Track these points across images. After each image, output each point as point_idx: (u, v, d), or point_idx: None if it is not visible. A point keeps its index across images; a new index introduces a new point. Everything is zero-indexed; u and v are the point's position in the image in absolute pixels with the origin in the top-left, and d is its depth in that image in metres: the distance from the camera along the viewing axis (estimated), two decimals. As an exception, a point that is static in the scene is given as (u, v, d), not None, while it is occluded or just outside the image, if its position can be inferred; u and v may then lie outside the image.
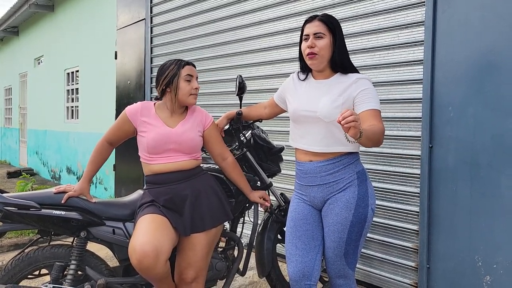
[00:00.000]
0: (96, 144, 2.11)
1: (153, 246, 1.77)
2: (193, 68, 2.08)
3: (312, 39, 1.87)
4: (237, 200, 2.29)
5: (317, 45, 1.87)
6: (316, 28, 1.88)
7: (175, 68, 2.02)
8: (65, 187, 2.03)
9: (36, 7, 8.32)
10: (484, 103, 2.27)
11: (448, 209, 2.43)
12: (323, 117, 1.65)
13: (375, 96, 1.83)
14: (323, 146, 1.88)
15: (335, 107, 1.70)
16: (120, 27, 5.58)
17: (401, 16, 2.62)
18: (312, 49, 1.87)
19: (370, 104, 1.79)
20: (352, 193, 1.87)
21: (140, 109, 2.05)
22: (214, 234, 2.03)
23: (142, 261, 1.76)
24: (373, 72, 2.76)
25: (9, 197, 1.90)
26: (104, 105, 6.36)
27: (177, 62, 2.04)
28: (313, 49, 1.87)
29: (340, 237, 1.87)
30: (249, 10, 3.68)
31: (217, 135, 2.20)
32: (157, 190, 2.00)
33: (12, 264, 1.96)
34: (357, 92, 1.83)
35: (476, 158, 2.30)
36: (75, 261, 1.99)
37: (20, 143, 11.06)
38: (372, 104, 1.80)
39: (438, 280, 2.48)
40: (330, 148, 1.88)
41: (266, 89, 3.55)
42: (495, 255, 2.25)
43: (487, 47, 2.26)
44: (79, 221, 1.98)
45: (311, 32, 1.88)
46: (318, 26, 1.88)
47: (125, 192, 5.48)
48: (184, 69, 2.02)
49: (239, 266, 2.37)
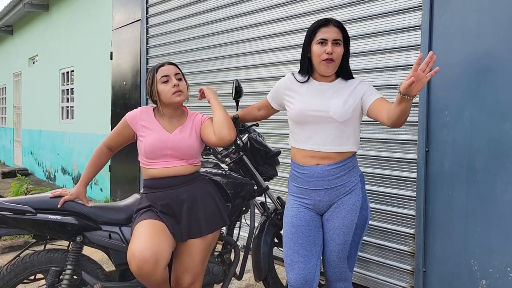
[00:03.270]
0: (96, 148, 2.10)
1: (153, 252, 1.76)
2: (170, 66, 2.03)
3: (331, 45, 1.88)
4: (233, 204, 2.28)
5: (335, 51, 1.89)
6: (335, 34, 1.90)
7: (150, 76, 2.03)
8: (61, 191, 2.02)
9: (30, 6, 8.26)
10: (480, 107, 2.28)
11: (444, 213, 2.44)
12: (337, 117, 1.82)
13: (376, 90, 1.96)
14: (334, 146, 1.90)
15: (347, 107, 1.87)
16: (116, 28, 5.56)
17: (397, 20, 2.63)
18: (331, 56, 1.88)
19: (378, 95, 1.90)
20: (357, 196, 1.92)
21: (139, 114, 2.04)
22: (211, 240, 2.03)
23: (142, 267, 1.75)
24: (370, 75, 2.77)
25: (4, 201, 1.89)
26: (99, 106, 6.32)
27: (152, 68, 2.04)
28: (332, 55, 1.88)
29: (345, 240, 1.90)
30: (246, 12, 3.67)
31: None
32: (154, 195, 1.99)
33: (7, 269, 1.94)
34: (362, 92, 1.92)
35: (472, 162, 2.31)
36: (71, 266, 1.98)
37: (15, 143, 11.00)
38: (378, 95, 1.91)
39: (434, 283, 2.49)
40: (342, 148, 1.91)
41: (263, 91, 3.54)
42: (491, 259, 2.26)
43: (484, 51, 2.27)
44: (75, 225, 1.97)
45: (330, 38, 1.89)
46: (337, 33, 1.91)
47: (120, 193, 5.46)
48: (158, 72, 2.01)
49: (236, 270, 2.37)
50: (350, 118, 1.89)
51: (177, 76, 2.02)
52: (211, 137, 2.01)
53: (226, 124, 1.98)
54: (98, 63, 6.43)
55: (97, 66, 6.45)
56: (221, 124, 1.98)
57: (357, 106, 1.91)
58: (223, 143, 2.00)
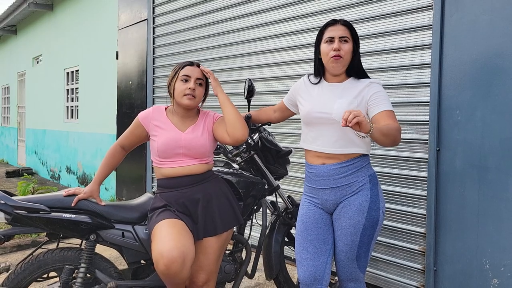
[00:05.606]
0: (110, 148, 2.11)
1: (180, 252, 1.76)
2: (195, 68, 2.03)
3: (338, 42, 1.88)
4: (245, 203, 2.28)
5: (342, 48, 1.89)
6: (342, 32, 1.90)
7: (175, 70, 2.03)
8: (74, 190, 2.02)
9: (35, 6, 8.27)
10: (491, 106, 2.28)
11: (455, 212, 2.44)
12: (338, 118, 1.72)
13: (386, 98, 1.88)
14: (338, 148, 1.89)
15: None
16: (122, 27, 5.56)
17: (408, 20, 2.63)
18: (338, 52, 1.88)
19: (383, 106, 1.84)
20: (365, 197, 1.89)
21: (151, 113, 2.05)
22: (225, 238, 2.03)
23: (170, 267, 1.75)
24: (381, 75, 2.77)
25: (18, 200, 1.90)
26: (104, 105, 6.34)
27: (180, 63, 2.04)
28: (339, 52, 1.88)
29: (353, 240, 1.88)
30: (253, 12, 3.68)
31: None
32: (168, 194, 1.99)
33: (21, 267, 1.95)
34: (369, 95, 1.88)
35: (484, 161, 2.31)
36: (84, 264, 1.98)
37: (18, 142, 11.02)
38: (385, 105, 1.85)
39: (445, 282, 2.49)
40: (345, 150, 1.89)
41: (271, 91, 3.55)
42: (503, 258, 2.26)
43: (495, 51, 2.27)
44: (89, 224, 1.97)
45: (337, 35, 1.90)
46: (343, 30, 1.91)
47: (126, 192, 5.47)
48: (183, 69, 2.01)
49: (247, 268, 2.37)
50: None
51: (198, 81, 2.01)
52: (225, 137, 2.00)
53: (239, 124, 1.97)
54: (103, 62, 6.44)
55: (102, 66, 6.47)
56: (234, 124, 1.96)
57: (363, 108, 1.88)
58: (237, 143, 2.00)
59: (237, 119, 1.97)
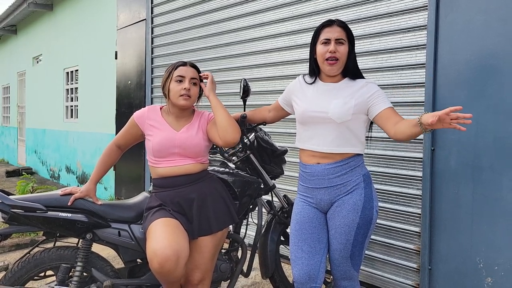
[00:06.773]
0: (106, 147, 2.13)
1: (174, 250, 1.78)
2: (190, 68, 2.04)
3: (334, 44, 1.89)
4: (241, 202, 2.30)
5: (339, 50, 1.90)
6: (338, 34, 1.91)
7: (169, 71, 2.04)
8: (71, 189, 2.04)
9: (35, 6, 8.29)
10: (486, 106, 2.30)
11: (450, 211, 2.45)
12: (335, 118, 1.78)
13: (385, 96, 1.93)
14: (333, 147, 1.91)
15: (347, 109, 1.86)
16: (121, 27, 5.58)
17: (403, 20, 2.64)
18: (334, 54, 1.89)
19: (386, 104, 1.89)
20: (359, 196, 1.90)
21: (146, 113, 2.07)
22: (220, 237, 2.05)
23: (164, 265, 1.76)
24: (376, 75, 2.78)
25: (15, 199, 1.91)
26: (103, 105, 6.36)
27: (174, 64, 2.05)
28: (335, 54, 1.89)
29: (347, 239, 1.90)
30: (251, 12, 3.69)
31: None
32: (163, 194, 2.01)
33: (18, 266, 1.97)
34: (369, 95, 1.90)
35: (478, 161, 2.33)
36: (81, 263, 2.00)
37: (18, 141, 11.04)
38: (388, 103, 1.89)
39: (439, 281, 2.51)
40: (340, 149, 1.91)
41: (268, 91, 3.56)
42: (497, 257, 2.27)
43: (489, 51, 2.29)
44: (85, 223, 1.99)
45: (333, 37, 1.90)
46: (340, 32, 1.92)
47: (125, 191, 5.49)
48: (176, 70, 2.02)
49: (243, 267, 2.39)
50: (350, 120, 1.88)
51: (192, 80, 2.02)
52: (217, 139, 2.03)
53: (230, 128, 1.98)
54: (102, 62, 6.45)
55: (102, 66, 6.48)
56: (225, 127, 1.98)
57: (361, 108, 1.90)
58: (228, 146, 2.03)
59: (229, 123, 1.99)
